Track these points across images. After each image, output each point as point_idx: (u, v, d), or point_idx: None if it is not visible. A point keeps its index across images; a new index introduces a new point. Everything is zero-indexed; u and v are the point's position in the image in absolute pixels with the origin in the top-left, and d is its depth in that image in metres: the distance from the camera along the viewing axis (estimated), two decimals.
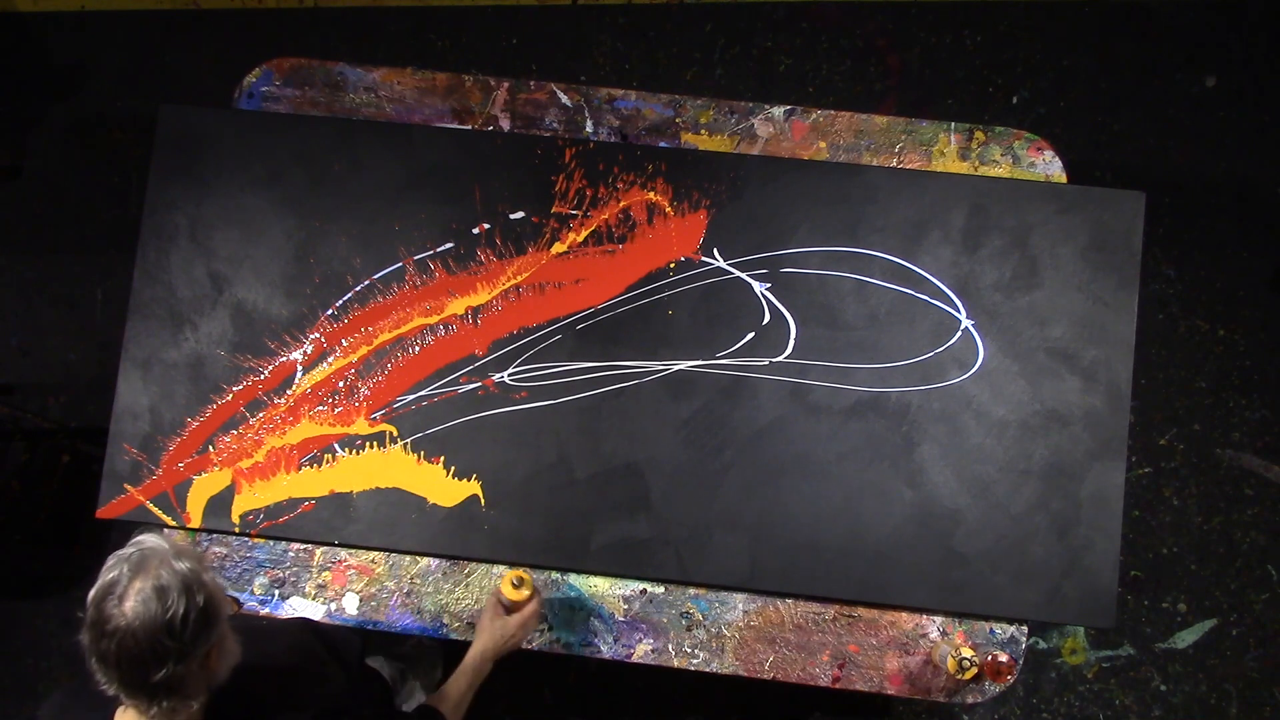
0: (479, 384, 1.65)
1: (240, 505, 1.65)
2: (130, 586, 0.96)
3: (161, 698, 0.99)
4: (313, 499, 1.64)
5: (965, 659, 1.48)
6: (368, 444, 1.65)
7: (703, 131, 1.72)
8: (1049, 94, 2.55)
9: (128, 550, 0.99)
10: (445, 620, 1.64)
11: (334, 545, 1.65)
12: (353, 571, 1.65)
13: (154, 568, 0.97)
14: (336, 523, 1.63)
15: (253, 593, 1.65)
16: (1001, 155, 1.70)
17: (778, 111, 1.72)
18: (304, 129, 1.69)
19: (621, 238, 1.66)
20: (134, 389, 1.67)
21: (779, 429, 1.61)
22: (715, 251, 1.65)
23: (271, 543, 1.66)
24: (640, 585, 1.63)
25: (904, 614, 1.61)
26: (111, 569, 0.98)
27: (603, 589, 1.63)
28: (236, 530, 1.65)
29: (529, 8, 2.62)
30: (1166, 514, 2.41)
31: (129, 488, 1.66)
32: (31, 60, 2.65)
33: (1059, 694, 2.36)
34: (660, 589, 1.63)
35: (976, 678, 1.56)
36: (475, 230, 1.67)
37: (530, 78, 1.76)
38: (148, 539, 1.01)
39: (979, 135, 1.70)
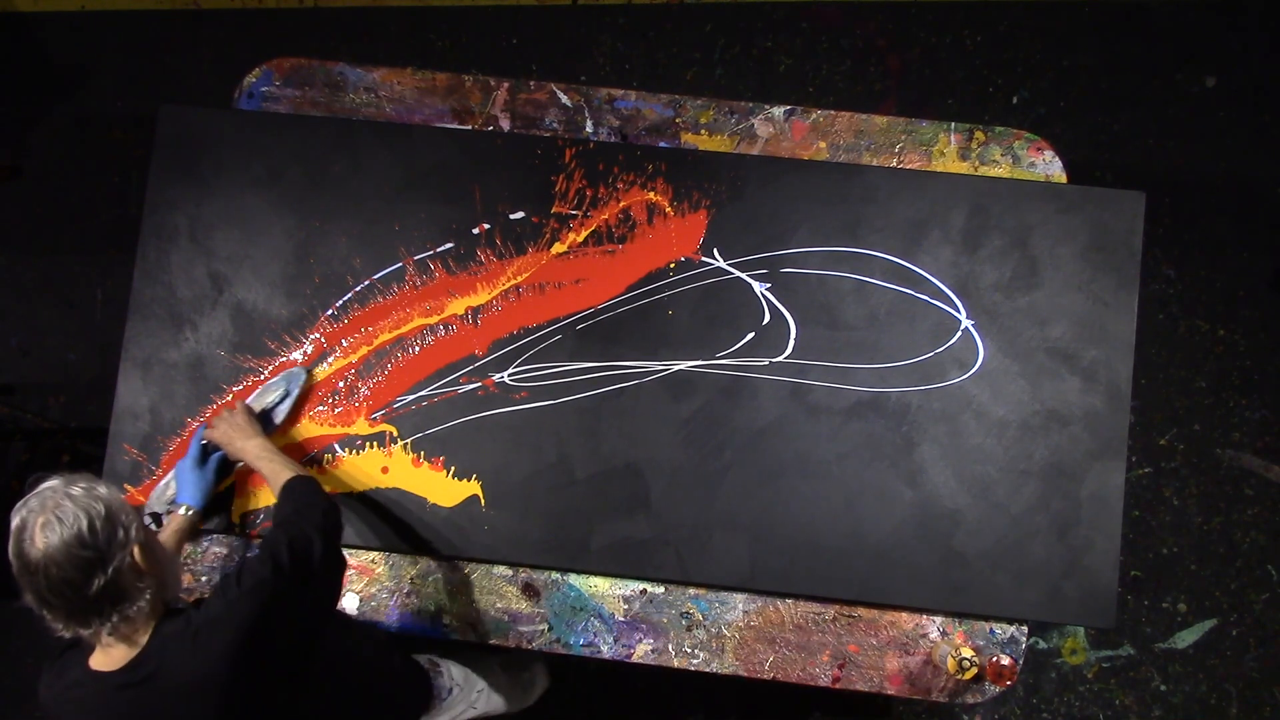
0: (479, 384, 1.65)
1: (240, 505, 1.65)
2: (35, 524, 1.03)
3: (107, 611, 1.07)
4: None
5: (965, 659, 1.48)
6: (368, 444, 1.65)
7: (703, 131, 1.72)
8: (1049, 94, 2.55)
9: (29, 495, 1.06)
10: (445, 620, 1.64)
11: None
12: (353, 571, 1.65)
13: (49, 502, 1.04)
14: None
15: None
16: (1001, 155, 1.70)
17: (778, 111, 1.72)
18: (304, 129, 1.69)
19: (621, 238, 1.66)
20: (134, 389, 1.67)
21: (779, 429, 1.61)
22: (715, 251, 1.65)
23: None
24: (640, 585, 1.63)
25: (904, 614, 1.61)
26: (17, 514, 1.05)
27: (603, 589, 1.63)
28: (237, 530, 1.65)
29: (529, 8, 2.62)
30: (1166, 514, 2.41)
31: (129, 488, 1.66)
32: (31, 60, 2.65)
33: (1059, 694, 2.36)
34: (660, 589, 1.63)
35: (977, 678, 1.56)
36: (475, 230, 1.67)
37: (530, 78, 1.76)
38: (43, 483, 1.07)
39: (979, 135, 1.70)
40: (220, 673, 1.09)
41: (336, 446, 1.65)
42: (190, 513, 1.51)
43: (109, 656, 1.12)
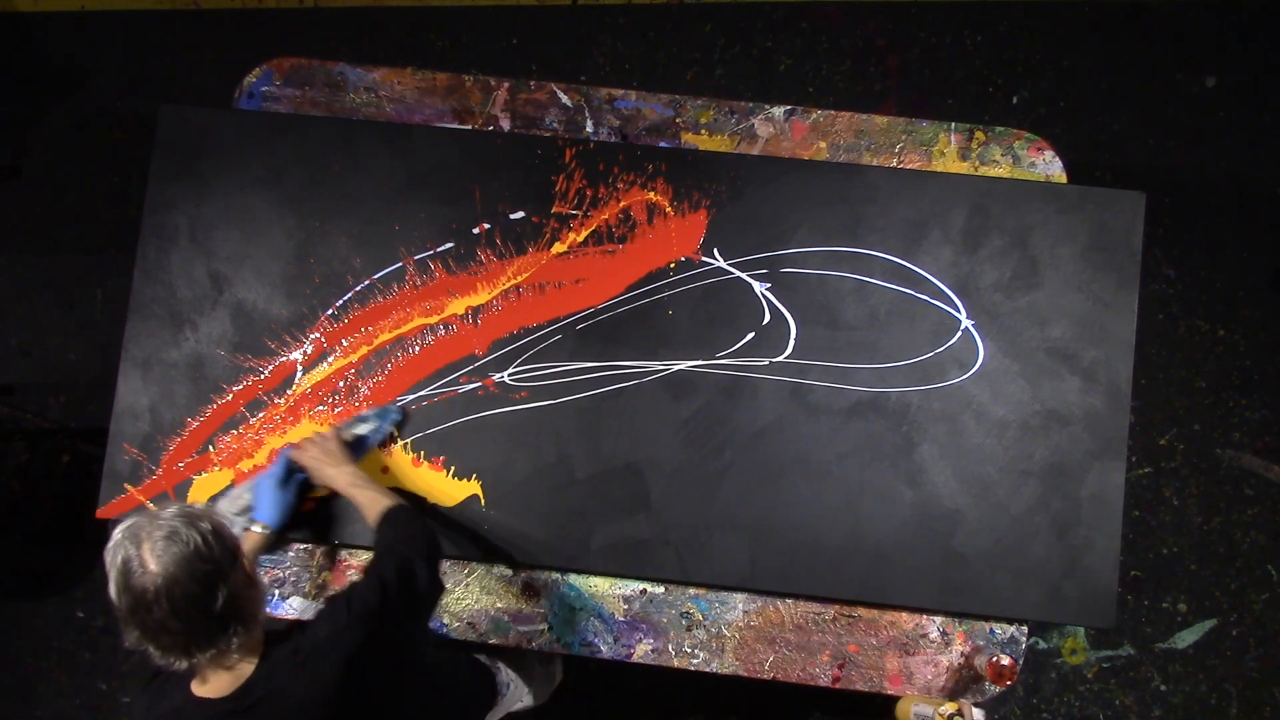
0: (479, 384, 1.65)
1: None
2: (144, 553, 0.99)
3: (232, 625, 1.04)
4: (313, 499, 1.64)
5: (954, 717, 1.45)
6: None
7: (703, 131, 1.72)
8: (1049, 94, 2.55)
9: (118, 534, 1.03)
10: (445, 620, 1.63)
11: (334, 545, 1.65)
12: (353, 571, 1.65)
13: (150, 529, 1.01)
14: (337, 523, 1.63)
15: None
16: (1002, 155, 1.70)
17: (778, 111, 1.72)
18: (304, 129, 1.69)
19: (621, 238, 1.66)
20: (134, 389, 1.67)
21: (779, 429, 1.61)
22: (715, 251, 1.65)
23: None
24: (640, 585, 1.63)
25: (904, 614, 1.61)
26: (115, 553, 1.01)
27: (603, 589, 1.63)
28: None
29: (529, 8, 2.62)
30: (1166, 514, 2.41)
31: (129, 488, 1.66)
32: (31, 60, 2.65)
33: (1059, 694, 2.36)
34: (660, 589, 1.63)
35: (976, 679, 1.56)
36: (475, 230, 1.67)
37: (530, 78, 1.76)
38: (127, 519, 1.04)
39: (979, 135, 1.70)
40: (327, 698, 1.09)
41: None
42: (268, 532, 1.49)
43: (213, 684, 1.10)
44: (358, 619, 1.13)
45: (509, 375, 1.65)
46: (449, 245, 1.67)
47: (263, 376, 1.67)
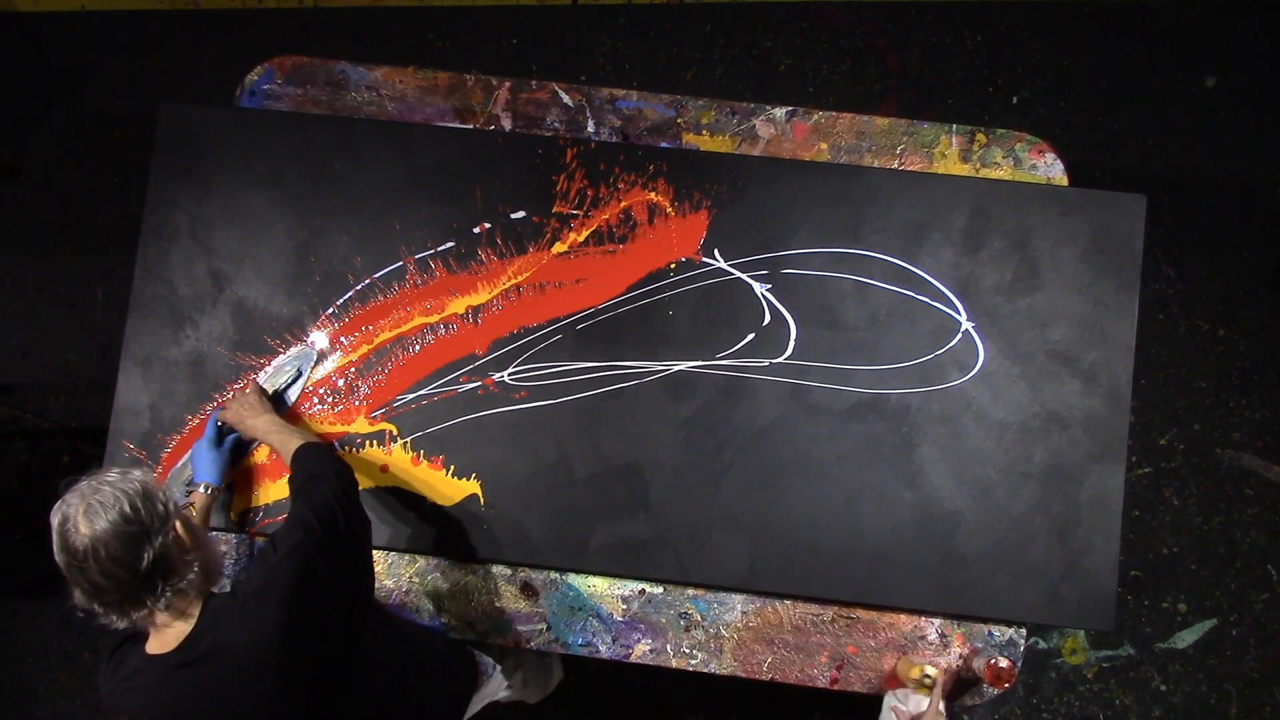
0: (479, 383, 1.65)
1: (240, 503, 1.65)
2: (77, 515, 1.07)
3: (160, 586, 1.11)
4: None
5: (927, 675, 1.47)
6: (367, 443, 1.65)
7: (704, 132, 1.72)
8: (1049, 94, 2.55)
9: (60, 499, 1.10)
10: (444, 619, 1.64)
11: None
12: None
13: (86, 492, 1.08)
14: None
15: None
16: (1003, 157, 1.70)
17: (779, 112, 1.72)
18: (305, 127, 1.69)
19: (622, 238, 1.66)
20: (134, 387, 1.67)
21: (779, 430, 1.61)
22: (716, 252, 1.65)
23: None
24: (639, 585, 1.63)
25: (903, 615, 1.61)
26: (56, 514, 1.09)
27: (602, 589, 1.63)
28: (235, 528, 1.65)
29: (529, 8, 2.62)
30: (1166, 514, 2.41)
31: None
32: (31, 60, 2.65)
33: (1059, 694, 2.36)
34: (659, 589, 1.63)
35: (975, 681, 1.56)
36: (476, 230, 1.67)
37: (531, 78, 1.76)
38: (74, 485, 1.11)
39: (980, 137, 1.70)
40: (272, 639, 1.12)
41: (336, 445, 1.65)
42: (210, 490, 1.53)
43: (163, 638, 1.14)
44: (286, 555, 1.17)
45: (509, 375, 1.65)
46: (449, 244, 1.67)
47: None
